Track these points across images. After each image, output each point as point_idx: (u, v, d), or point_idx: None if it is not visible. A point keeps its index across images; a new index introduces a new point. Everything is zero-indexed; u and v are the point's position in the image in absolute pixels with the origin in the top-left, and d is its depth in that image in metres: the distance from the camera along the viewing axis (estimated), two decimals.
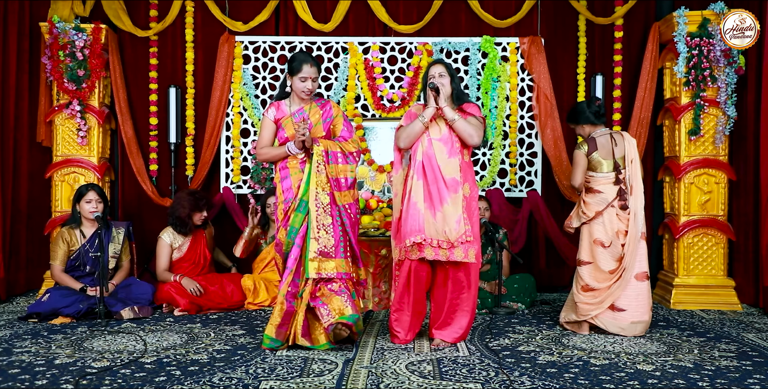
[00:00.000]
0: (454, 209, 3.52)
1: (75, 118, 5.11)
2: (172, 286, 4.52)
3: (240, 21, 5.42)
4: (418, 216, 3.54)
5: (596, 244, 3.95)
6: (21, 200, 5.24)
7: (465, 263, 3.58)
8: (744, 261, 4.93)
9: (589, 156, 4.01)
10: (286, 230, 3.57)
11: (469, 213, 3.61)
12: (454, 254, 3.52)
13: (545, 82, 5.33)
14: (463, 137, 3.63)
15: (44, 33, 5.09)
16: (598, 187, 3.97)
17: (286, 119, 3.68)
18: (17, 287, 5.18)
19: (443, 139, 3.64)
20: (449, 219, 3.51)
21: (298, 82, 3.62)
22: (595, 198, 3.97)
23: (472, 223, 3.60)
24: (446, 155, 3.60)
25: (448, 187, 3.55)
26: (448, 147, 3.62)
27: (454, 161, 3.60)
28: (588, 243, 3.99)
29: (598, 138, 4.03)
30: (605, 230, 3.94)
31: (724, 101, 4.76)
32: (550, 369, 3.22)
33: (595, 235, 3.96)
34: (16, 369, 3.18)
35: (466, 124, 3.61)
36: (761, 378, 3.09)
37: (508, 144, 5.44)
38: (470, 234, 3.54)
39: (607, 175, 3.97)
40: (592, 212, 3.96)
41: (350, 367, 3.22)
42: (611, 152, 3.99)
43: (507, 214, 5.35)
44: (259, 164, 5.39)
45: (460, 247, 3.53)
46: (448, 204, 3.53)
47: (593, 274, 3.96)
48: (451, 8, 5.49)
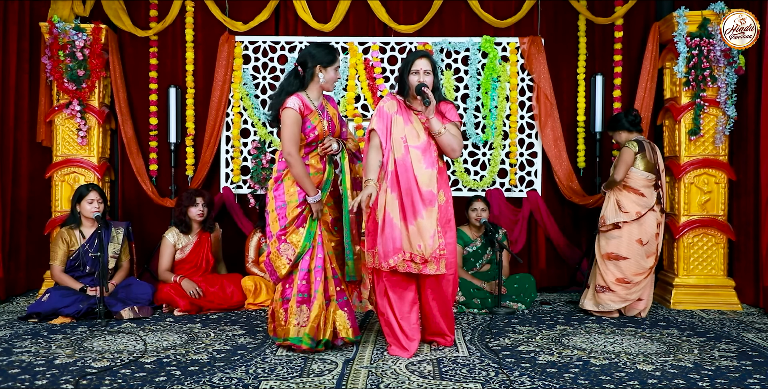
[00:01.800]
0: (429, 223, 3.34)
1: (75, 118, 5.11)
2: (171, 288, 4.51)
3: (240, 21, 5.42)
4: (394, 233, 3.36)
5: (637, 243, 4.38)
6: (21, 200, 5.24)
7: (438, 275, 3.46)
8: (744, 261, 4.93)
9: (637, 154, 4.38)
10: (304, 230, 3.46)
11: (445, 222, 3.46)
12: (427, 268, 3.37)
13: (545, 82, 5.33)
14: (445, 150, 3.47)
15: (44, 33, 5.09)
16: (642, 190, 4.39)
17: (313, 115, 3.48)
18: (17, 287, 5.18)
19: (422, 146, 3.42)
20: (424, 234, 3.33)
21: (333, 73, 3.50)
22: (639, 201, 4.39)
23: (447, 230, 3.47)
24: (423, 165, 3.39)
25: (423, 200, 3.35)
26: (427, 156, 3.41)
27: (431, 172, 3.39)
28: (628, 240, 4.39)
29: (642, 142, 4.44)
30: (645, 230, 4.38)
31: (724, 101, 4.76)
32: (550, 369, 3.22)
33: (638, 235, 4.39)
34: (16, 369, 3.18)
35: (451, 138, 3.42)
36: (761, 378, 3.09)
37: (508, 144, 5.44)
38: (443, 246, 3.38)
39: (648, 176, 4.39)
40: (634, 213, 4.37)
41: (350, 367, 3.22)
42: (653, 157, 4.43)
43: (507, 214, 5.35)
44: (259, 164, 5.39)
45: (433, 261, 3.36)
46: (423, 218, 3.34)
47: (632, 269, 4.39)
48: (451, 8, 5.49)
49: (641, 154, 4.39)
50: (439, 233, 3.38)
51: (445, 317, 3.60)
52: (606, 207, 4.51)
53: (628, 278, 4.39)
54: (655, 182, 4.40)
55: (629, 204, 4.40)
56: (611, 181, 4.47)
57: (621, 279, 4.40)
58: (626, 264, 4.39)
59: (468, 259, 4.91)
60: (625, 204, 4.41)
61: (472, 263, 4.91)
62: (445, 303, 3.57)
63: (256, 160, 5.41)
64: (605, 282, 4.43)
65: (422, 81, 3.41)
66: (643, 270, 4.41)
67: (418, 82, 3.40)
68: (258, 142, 5.43)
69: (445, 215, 3.48)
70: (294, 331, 3.40)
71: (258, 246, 4.93)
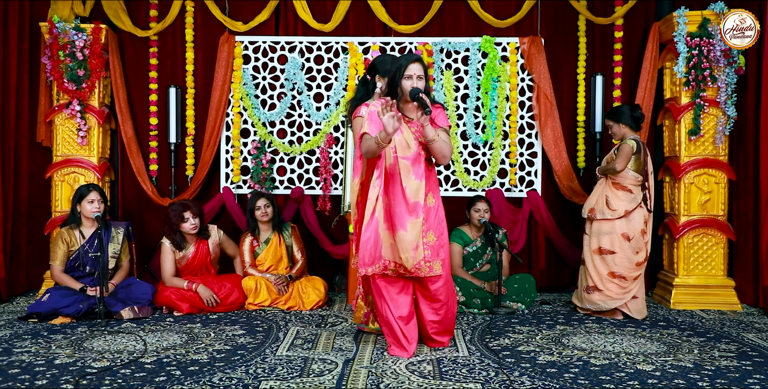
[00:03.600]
0: (413, 235, 3.28)
1: (75, 118, 5.11)
2: (172, 292, 4.48)
3: (240, 21, 5.42)
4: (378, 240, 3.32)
5: (623, 238, 4.37)
6: (21, 200, 5.24)
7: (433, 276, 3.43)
8: (744, 261, 4.93)
9: (633, 155, 4.36)
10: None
11: (437, 224, 3.43)
12: (420, 271, 3.35)
13: (545, 82, 5.33)
14: (436, 157, 3.40)
15: (44, 33, 5.09)
16: (630, 187, 4.37)
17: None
18: (17, 287, 5.18)
19: (411, 157, 3.34)
20: (407, 246, 3.27)
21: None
22: (626, 197, 4.37)
23: (441, 231, 3.44)
24: (413, 176, 3.31)
25: (409, 211, 3.30)
26: (416, 167, 3.34)
27: (419, 184, 3.33)
28: (615, 235, 4.38)
29: (640, 143, 4.41)
30: (633, 226, 4.37)
31: (724, 101, 4.76)
32: (550, 369, 3.22)
33: (623, 230, 4.37)
34: (16, 369, 3.18)
35: (443, 145, 3.34)
36: (761, 378, 3.09)
37: (508, 144, 5.44)
38: (429, 258, 3.35)
39: (638, 177, 4.38)
40: (622, 210, 4.36)
41: (350, 367, 3.22)
42: (644, 159, 4.41)
43: (507, 214, 5.36)
44: (259, 164, 5.39)
45: (424, 267, 3.34)
46: (407, 230, 3.28)
47: (623, 264, 4.37)
48: (451, 8, 5.49)
49: (636, 155, 4.38)
50: (424, 245, 3.34)
51: (440, 321, 3.56)
52: (594, 198, 4.49)
53: (620, 272, 4.36)
54: (642, 183, 4.39)
55: (617, 203, 4.37)
56: (610, 168, 4.39)
57: (612, 273, 4.37)
58: (615, 259, 4.37)
59: (468, 259, 4.91)
60: (613, 202, 4.38)
61: (472, 263, 4.91)
62: (444, 305, 3.54)
63: (256, 160, 5.41)
64: (593, 281, 4.42)
65: (416, 86, 3.32)
66: (635, 265, 4.37)
67: (412, 87, 3.31)
68: (258, 142, 5.44)
69: (437, 215, 3.47)
70: None
71: (252, 250, 4.90)
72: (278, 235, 4.93)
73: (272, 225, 4.94)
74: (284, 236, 4.96)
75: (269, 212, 4.87)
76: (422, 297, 3.52)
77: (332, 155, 5.43)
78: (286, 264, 4.94)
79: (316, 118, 5.42)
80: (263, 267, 4.89)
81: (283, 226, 4.98)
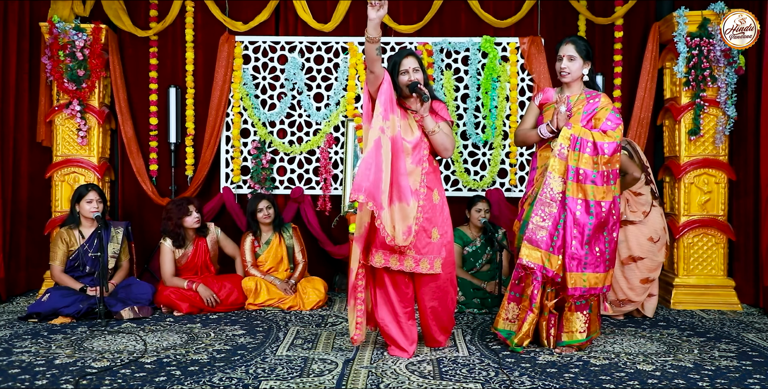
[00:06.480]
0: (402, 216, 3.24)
1: (75, 118, 5.11)
2: (172, 292, 4.49)
3: (240, 21, 5.42)
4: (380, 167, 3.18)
5: (650, 241, 4.39)
6: (21, 200, 5.23)
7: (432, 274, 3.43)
8: (744, 261, 4.93)
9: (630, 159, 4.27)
10: (519, 223, 3.61)
11: (442, 222, 3.43)
12: (420, 267, 3.37)
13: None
14: (438, 149, 3.43)
15: (44, 33, 5.09)
16: (638, 190, 4.36)
17: (548, 105, 3.62)
18: (17, 287, 5.18)
19: (413, 142, 3.37)
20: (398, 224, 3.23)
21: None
22: (639, 200, 4.38)
23: (444, 231, 3.44)
24: (410, 159, 3.34)
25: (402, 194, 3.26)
26: (416, 152, 3.36)
27: (416, 170, 3.35)
28: (643, 240, 4.38)
29: (627, 147, 4.37)
30: (655, 227, 4.39)
31: (724, 101, 4.76)
32: (550, 369, 3.22)
33: (648, 233, 4.39)
34: (16, 369, 3.18)
35: (444, 138, 3.39)
36: (761, 378, 3.09)
37: (508, 144, 5.43)
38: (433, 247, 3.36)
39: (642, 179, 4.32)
40: (641, 213, 4.37)
41: (350, 367, 3.22)
42: (638, 157, 4.40)
43: (507, 214, 5.35)
44: (259, 164, 5.39)
45: (426, 259, 3.37)
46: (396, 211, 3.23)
47: (650, 266, 4.40)
48: (451, 8, 5.49)
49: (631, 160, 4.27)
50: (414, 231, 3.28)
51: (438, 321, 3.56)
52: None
53: (650, 276, 4.40)
54: (646, 179, 4.39)
55: (635, 205, 4.40)
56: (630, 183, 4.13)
57: (644, 280, 4.39)
58: (644, 264, 4.39)
59: (468, 259, 4.91)
60: (633, 204, 4.41)
61: (471, 263, 4.91)
62: (443, 304, 3.53)
63: (256, 160, 5.41)
64: (625, 293, 4.36)
65: (413, 79, 3.38)
66: (657, 266, 4.44)
67: (410, 81, 3.38)
68: (258, 142, 5.43)
69: (442, 213, 3.48)
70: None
71: (253, 250, 4.90)
72: (279, 236, 4.93)
73: (273, 226, 4.94)
74: (285, 237, 4.96)
75: (271, 213, 4.87)
76: (421, 294, 3.52)
77: (332, 155, 5.43)
78: (286, 265, 4.94)
79: (316, 118, 5.42)
80: (264, 267, 4.88)
81: (283, 227, 4.98)
